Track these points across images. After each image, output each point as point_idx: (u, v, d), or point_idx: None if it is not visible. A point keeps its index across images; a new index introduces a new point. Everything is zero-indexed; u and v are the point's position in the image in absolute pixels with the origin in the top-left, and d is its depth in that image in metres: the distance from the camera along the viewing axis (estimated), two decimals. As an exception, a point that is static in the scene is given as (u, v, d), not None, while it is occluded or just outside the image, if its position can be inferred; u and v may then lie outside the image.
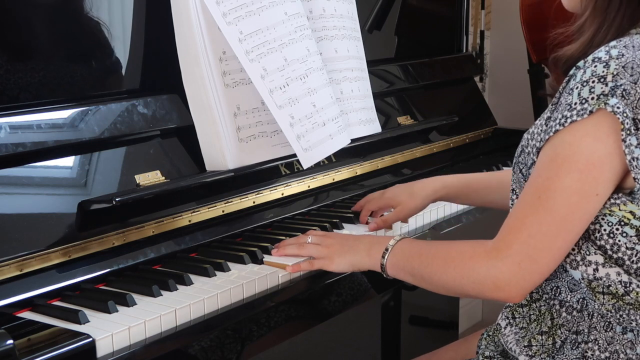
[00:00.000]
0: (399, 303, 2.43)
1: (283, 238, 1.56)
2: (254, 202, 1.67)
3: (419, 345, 2.47)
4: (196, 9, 1.52)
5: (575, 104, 1.17)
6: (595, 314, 1.26)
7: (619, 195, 1.20)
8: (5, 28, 1.41)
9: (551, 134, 1.19)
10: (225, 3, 1.54)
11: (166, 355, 1.23)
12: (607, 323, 1.25)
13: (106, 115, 1.49)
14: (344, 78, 1.82)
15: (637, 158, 1.16)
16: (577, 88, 1.18)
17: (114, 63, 1.59)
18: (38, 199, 1.37)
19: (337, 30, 1.82)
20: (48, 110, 1.42)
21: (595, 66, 1.18)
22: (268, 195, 1.70)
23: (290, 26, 1.62)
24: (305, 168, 1.65)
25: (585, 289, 1.24)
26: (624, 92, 1.15)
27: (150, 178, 1.50)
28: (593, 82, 1.17)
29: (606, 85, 1.16)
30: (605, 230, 1.20)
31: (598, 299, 1.23)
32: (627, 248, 1.19)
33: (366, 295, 1.62)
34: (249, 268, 1.45)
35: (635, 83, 1.16)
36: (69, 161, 1.43)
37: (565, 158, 1.17)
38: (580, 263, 1.23)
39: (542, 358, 1.29)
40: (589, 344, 1.26)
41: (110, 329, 1.18)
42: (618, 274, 1.20)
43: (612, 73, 1.16)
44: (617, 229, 1.19)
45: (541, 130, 1.25)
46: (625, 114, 1.15)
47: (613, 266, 1.20)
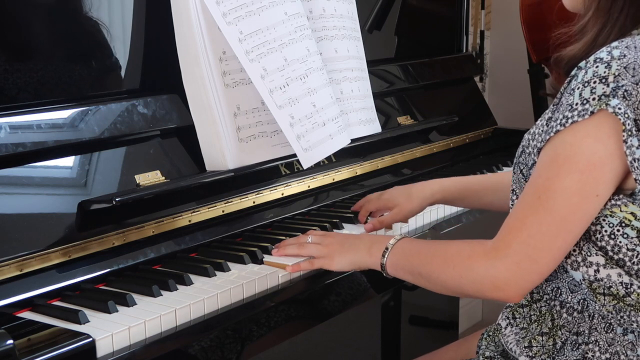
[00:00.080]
0: (399, 303, 2.43)
1: (283, 238, 1.56)
2: (254, 202, 1.67)
3: (419, 345, 2.47)
4: (196, 9, 1.52)
5: (576, 105, 1.17)
6: (596, 315, 1.26)
7: (620, 196, 1.20)
8: (5, 28, 1.41)
9: (552, 134, 1.19)
10: (225, 3, 1.53)
11: (166, 355, 1.22)
12: (608, 324, 1.25)
13: (106, 115, 1.49)
14: (344, 78, 1.82)
15: (638, 159, 1.16)
16: (579, 88, 1.18)
17: (114, 63, 1.59)
18: (38, 199, 1.37)
19: (337, 30, 1.82)
20: (48, 110, 1.42)
21: (596, 67, 1.18)
22: (268, 195, 1.70)
23: (290, 26, 1.62)
24: (305, 168, 1.65)
25: (586, 290, 1.24)
26: (626, 93, 1.15)
27: (150, 178, 1.50)
28: (594, 83, 1.17)
29: (607, 86, 1.16)
30: (606, 231, 1.20)
31: (599, 300, 1.23)
32: (628, 249, 1.19)
33: (366, 295, 1.62)
34: (249, 268, 1.45)
35: (636, 84, 1.16)
36: (69, 161, 1.43)
37: (565, 158, 1.17)
38: (581, 264, 1.22)
39: (543, 359, 1.29)
40: (590, 345, 1.26)
41: (110, 329, 1.18)
42: (619, 275, 1.20)
43: (614, 74, 1.16)
44: (618, 230, 1.19)
45: (542, 130, 1.24)
46: (626, 115, 1.14)
47: (614, 267, 1.20)
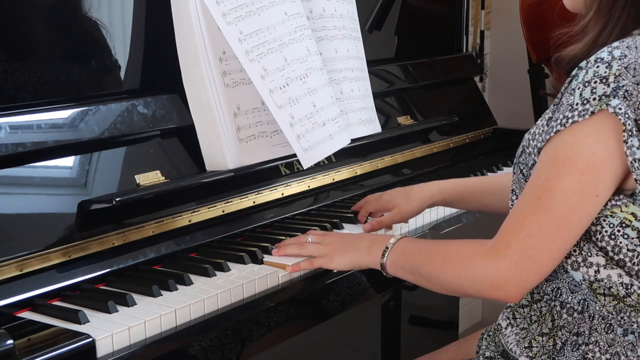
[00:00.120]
0: (399, 303, 2.43)
1: (283, 238, 1.56)
2: (254, 202, 1.66)
3: (419, 345, 2.47)
4: (196, 9, 1.52)
5: (576, 105, 1.17)
6: (596, 316, 1.26)
7: (620, 196, 1.20)
8: (6, 28, 1.41)
9: (552, 134, 1.19)
10: (225, 3, 1.53)
11: (166, 355, 1.22)
12: (608, 325, 1.25)
13: (106, 115, 1.49)
14: (344, 78, 1.82)
15: (639, 159, 1.16)
16: (579, 88, 1.18)
17: (114, 63, 1.59)
18: (38, 199, 1.37)
19: (337, 30, 1.81)
20: (48, 110, 1.42)
21: (597, 67, 1.18)
22: (268, 195, 1.70)
23: (290, 26, 1.62)
24: (305, 168, 1.65)
25: (586, 291, 1.24)
26: (626, 93, 1.15)
27: (150, 178, 1.50)
28: (595, 83, 1.17)
29: (608, 86, 1.16)
30: (606, 231, 1.20)
31: (599, 301, 1.22)
32: (629, 250, 1.19)
33: (366, 295, 1.62)
34: (249, 268, 1.45)
35: (637, 84, 1.16)
36: (69, 161, 1.43)
37: (565, 158, 1.17)
38: (581, 264, 1.22)
39: (543, 359, 1.29)
40: (590, 346, 1.26)
41: (110, 329, 1.18)
42: (619, 276, 1.20)
43: (614, 74, 1.16)
44: (619, 231, 1.19)
45: (542, 130, 1.24)
46: (627, 115, 1.14)
47: (614, 268, 1.20)
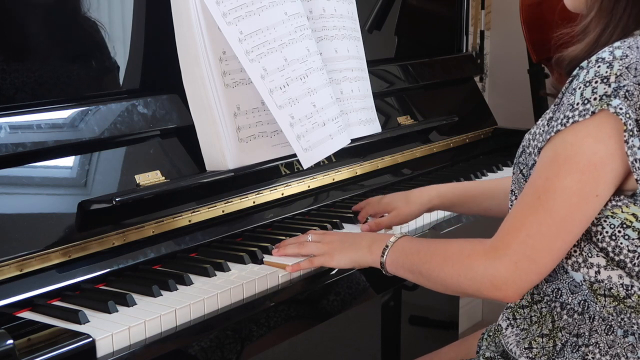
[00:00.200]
0: (399, 303, 2.43)
1: (283, 238, 1.56)
2: (254, 202, 1.66)
3: (419, 345, 2.47)
4: (196, 9, 1.52)
5: (577, 105, 1.17)
6: (596, 317, 1.25)
7: (621, 197, 1.20)
8: (6, 28, 1.41)
9: (552, 134, 1.19)
10: (225, 3, 1.53)
11: (166, 355, 1.22)
12: (608, 326, 1.25)
13: (106, 115, 1.49)
14: (344, 78, 1.82)
15: None
16: (580, 88, 1.18)
17: (114, 63, 1.58)
18: (38, 199, 1.37)
19: (337, 30, 1.81)
20: (48, 110, 1.42)
21: (598, 66, 1.17)
22: (268, 195, 1.70)
23: (290, 26, 1.62)
24: (305, 168, 1.65)
25: (586, 291, 1.24)
26: (627, 93, 1.15)
27: (150, 178, 1.50)
28: (596, 83, 1.16)
29: (609, 86, 1.15)
30: (607, 232, 1.20)
31: (599, 302, 1.22)
32: (629, 251, 1.19)
33: (366, 295, 1.62)
34: (249, 268, 1.45)
35: (638, 84, 1.15)
36: (69, 161, 1.43)
37: (566, 158, 1.17)
38: (582, 265, 1.22)
39: None
40: (590, 347, 1.25)
41: (110, 329, 1.18)
42: (620, 277, 1.20)
43: (616, 74, 1.16)
44: (619, 232, 1.19)
45: (543, 130, 1.24)
46: (628, 115, 1.14)
47: (615, 269, 1.20)
